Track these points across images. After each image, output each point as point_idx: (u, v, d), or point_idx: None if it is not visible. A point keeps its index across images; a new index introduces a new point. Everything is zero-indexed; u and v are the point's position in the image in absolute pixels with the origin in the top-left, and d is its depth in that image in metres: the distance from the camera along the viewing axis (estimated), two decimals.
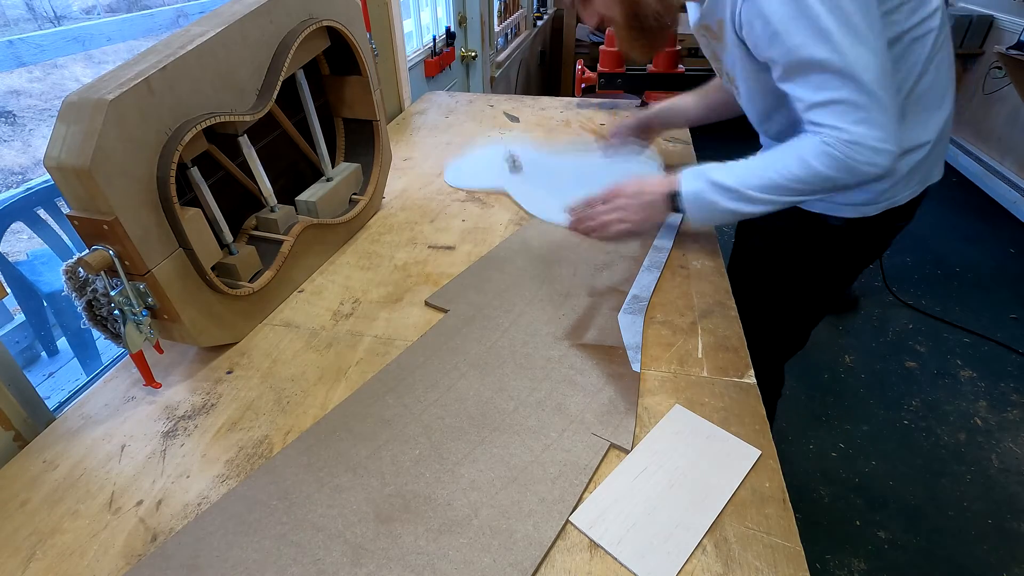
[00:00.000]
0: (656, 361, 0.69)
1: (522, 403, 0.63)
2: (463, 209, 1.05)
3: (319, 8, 0.79)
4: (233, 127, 0.70)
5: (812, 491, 1.51)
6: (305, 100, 0.86)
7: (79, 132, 0.53)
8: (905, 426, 1.70)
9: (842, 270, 0.98)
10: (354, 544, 0.49)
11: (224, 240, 0.74)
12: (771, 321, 1.04)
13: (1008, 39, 2.92)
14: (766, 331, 1.03)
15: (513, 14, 3.09)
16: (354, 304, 0.81)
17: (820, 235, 0.91)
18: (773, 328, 1.06)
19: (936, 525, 1.42)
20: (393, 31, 1.46)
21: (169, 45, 0.62)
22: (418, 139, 1.38)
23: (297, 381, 0.68)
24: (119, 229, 0.56)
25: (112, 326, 0.63)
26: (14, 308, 1.45)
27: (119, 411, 0.65)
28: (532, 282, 0.82)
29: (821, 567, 1.33)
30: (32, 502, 0.55)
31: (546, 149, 1.25)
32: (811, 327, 1.10)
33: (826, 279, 0.99)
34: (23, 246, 1.55)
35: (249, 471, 0.57)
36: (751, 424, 0.60)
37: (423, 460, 0.57)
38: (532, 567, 0.47)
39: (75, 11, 1.92)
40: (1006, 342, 2.00)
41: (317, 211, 0.88)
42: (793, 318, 1.07)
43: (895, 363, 1.93)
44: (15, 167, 1.98)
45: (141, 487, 0.56)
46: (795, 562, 0.47)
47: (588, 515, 0.51)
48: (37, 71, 2.01)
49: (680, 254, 0.89)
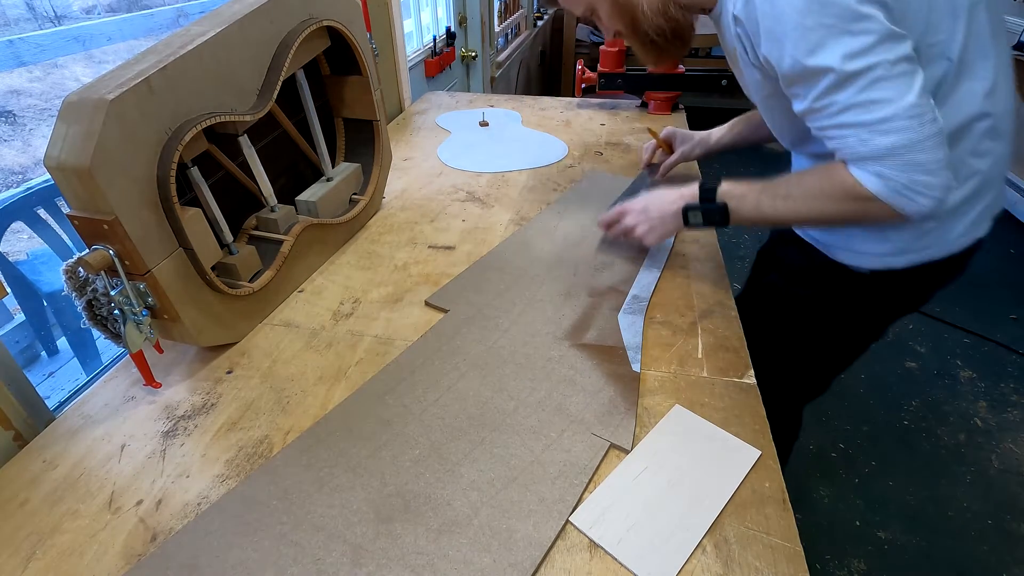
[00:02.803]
0: (656, 361, 0.69)
1: (522, 403, 0.63)
2: (463, 209, 1.05)
3: (319, 8, 0.79)
4: (233, 127, 0.70)
5: (812, 491, 1.51)
6: (305, 100, 0.86)
7: (79, 132, 0.53)
8: (905, 426, 1.70)
9: (867, 322, 0.88)
10: (354, 544, 0.49)
11: (224, 240, 0.73)
12: (786, 365, 0.94)
13: (1008, 39, 2.92)
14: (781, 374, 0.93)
15: (513, 14, 3.09)
16: (354, 304, 0.81)
17: (842, 282, 0.81)
18: (789, 372, 0.96)
19: (936, 525, 1.42)
20: (393, 31, 1.46)
21: (169, 45, 0.62)
22: (418, 139, 1.38)
23: (297, 381, 0.68)
24: (119, 229, 0.56)
25: (112, 326, 0.63)
26: (14, 308, 1.45)
27: (119, 411, 0.65)
28: (532, 282, 0.82)
29: (821, 567, 1.33)
30: (32, 502, 0.55)
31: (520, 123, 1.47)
32: (832, 376, 1.00)
33: (848, 329, 0.88)
34: (23, 246, 1.55)
35: (249, 471, 0.57)
36: (751, 424, 0.60)
37: (423, 460, 0.57)
38: (532, 567, 0.47)
39: (75, 11, 1.91)
40: (1006, 342, 2.00)
41: (317, 211, 0.88)
42: (810, 366, 0.96)
43: (895, 363, 1.93)
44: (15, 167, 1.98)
45: (141, 487, 0.56)
46: (795, 562, 0.47)
47: (588, 515, 0.51)
48: (37, 71, 2.01)
49: (680, 254, 0.89)
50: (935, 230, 0.71)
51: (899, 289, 0.80)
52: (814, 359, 0.95)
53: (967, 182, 0.68)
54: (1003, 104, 0.65)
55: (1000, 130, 0.66)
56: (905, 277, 0.76)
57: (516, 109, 1.55)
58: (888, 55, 0.55)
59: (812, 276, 0.85)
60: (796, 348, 0.93)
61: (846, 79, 0.56)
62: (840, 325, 0.88)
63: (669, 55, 0.77)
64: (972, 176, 0.68)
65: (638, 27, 0.73)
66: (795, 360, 0.95)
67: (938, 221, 0.70)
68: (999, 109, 0.65)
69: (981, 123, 0.64)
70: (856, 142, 0.60)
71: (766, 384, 0.67)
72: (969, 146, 0.66)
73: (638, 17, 0.72)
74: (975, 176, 0.68)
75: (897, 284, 0.78)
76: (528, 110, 1.54)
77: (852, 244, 0.77)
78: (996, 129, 0.65)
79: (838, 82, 0.57)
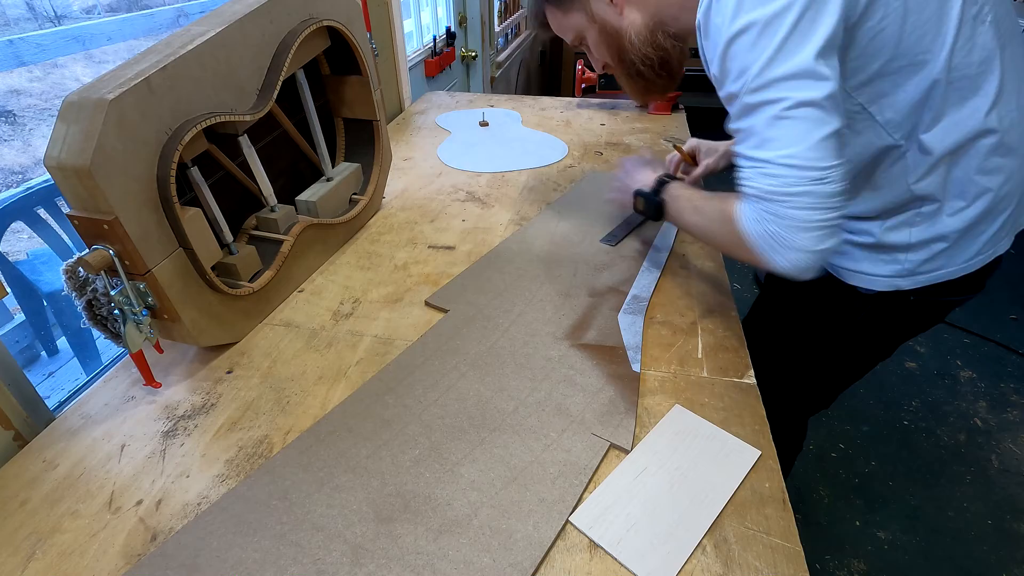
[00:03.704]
0: (656, 361, 0.69)
1: (522, 403, 0.63)
2: (463, 209, 1.05)
3: (319, 8, 0.79)
4: (233, 127, 0.70)
5: (812, 491, 1.51)
6: (305, 100, 0.86)
7: (79, 132, 0.53)
8: (905, 426, 1.70)
9: (877, 342, 0.85)
10: (354, 544, 0.49)
11: (224, 240, 0.73)
12: (793, 379, 0.94)
13: None
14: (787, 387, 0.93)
15: (513, 14, 3.09)
16: (354, 304, 0.81)
17: (852, 304, 0.79)
18: (795, 386, 0.95)
19: (936, 525, 1.42)
20: (393, 31, 1.46)
21: (169, 45, 0.62)
22: (418, 139, 1.38)
23: (297, 381, 0.68)
24: (119, 229, 0.56)
25: (112, 326, 0.63)
26: (14, 308, 1.45)
27: (119, 411, 0.65)
28: (532, 282, 0.82)
29: (821, 567, 1.33)
30: (32, 501, 0.55)
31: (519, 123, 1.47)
32: (839, 391, 0.98)
33: (857, 349, 0.86)
34: (23, 245, 1.54)
35: (249, 471, 0.57)
36: (751, 424, 0.60)
37: (423, 460, 0.57)
38: (532, 567, 0.47)
39: (75, 11, 1.91)
40: (1006, 342, 2.00)
41: (317, 211, 0.88)
42: (817, 381, 0.95)
43: (895, 363, 1.93)
44: (15, 166, 1.98)
45: (141, 487, 0.56)
46: (795, 562, 0.47)
47: (588, 515, 0.51)
48: (37, 71, 2.01)
49: (680, 254, 0.89)
50: (946, 251, 0.68)
51: (910, 310, 0.77)
52: (821, 375, 0.93)
53: (976, 201, 0.65)
54: (1011, 118, 0.62)
55: (1010, 146, 0.63)
56: (916, 298, 0.74)
57: (516, 109, 1.55)
58: (797, 94, 0.51)
59: (821, 297, 0.83)
60: (803, 364, 0.92)
61: (749, 109, 0.54)
62: (849, 344, 0.85)
63: (656, 89, 0.77)
64: (982, 195, 0.65)
65: (625, 56, 0.73)
66: (802, 375, 0.93)
67: (949, 242, 0.67)
68: (1006, 124, 0.61)
69: (985, 140, 0.62)
70: (744, 176, 0.58)
71: (772, 396, 0.66)
72: (974, 164, 0.63)
73: (625, 46, 0.72)
74: (986, 194, 0.65)
75: (908, 305, 0.75)
76: (528, 110, 1.55)
77: (859, 265, 0.75)
78: (1004, 145, 0.62)
79: (744, 109, 0.55)
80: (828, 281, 0.79)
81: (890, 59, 0.57)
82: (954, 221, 0.66)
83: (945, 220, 0.66)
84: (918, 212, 0.67)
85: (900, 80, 0.58)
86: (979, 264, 0.70)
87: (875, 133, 0.62)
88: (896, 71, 0.58)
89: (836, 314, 0.82)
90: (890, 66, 0.57)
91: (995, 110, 0.60)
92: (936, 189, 0.64)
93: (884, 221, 0.69)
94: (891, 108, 0.60)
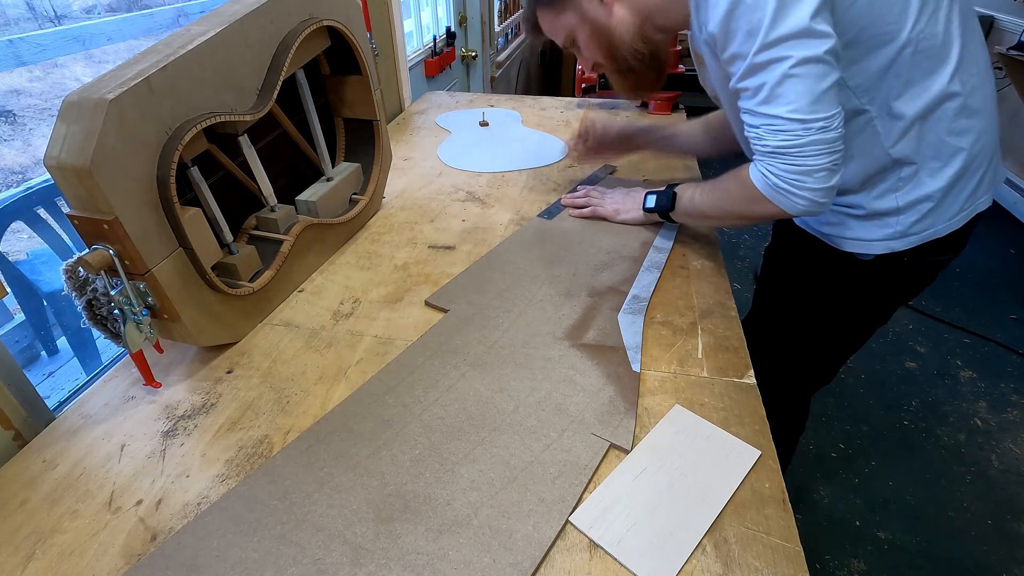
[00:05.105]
0: (656, 361, 0.69)
1: (522, 403, 0.63)
2: (463, 209, 1.05)
3: (319, 8, 0.79)
4: (233, 127, 0.70)
5: (812, 491, 1.51)
6: (305, 100, 0.86)
7: (79, 132, 0.53)
8: (905, 426, 1.70)
9: (875, 307, 0.90)
10: (354, 544, 0.49)
11: (224, 240, 0.73)
12: (795, 355, 0.99)
13: (1008, 39, 2.92)
14: (789, 365, 0.99)
15: (513, 14, 3.09)
16: (354, 304, 0.81)
17: (849, 270, 0.84)
18: (797, 362, 1.00)
19: (936, 525, 1.42)
20: (393, 31, 1.46)
21: (169, 45, 0.62)
22: (418, 139, 1.38)
23: (297, 381, 0.68)
24: (119, 229, 0.56)
25: (112, 326, 0.63)
26: (14, 307, 1.45)
27: (119, 411, 0.65)
28: (532, 282, 0.82)
29: (821, 567, 1.33)
30: (32, 501, 0.55)
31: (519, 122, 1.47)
32: (840, 363, 1.03)
33: (856, 316, 0.91)
34: (23, 245, 1.54)
35: (249, 471, 0.57)
36: (751, 424, 0.60)
37: (423, 460, 0.57)
38: (532, 567, 0.47)
39: (75, 10, 1.91)
40: (1006, 342, 2.00)
41: (317, 211, 0.88)
42: (818, 354, 1.00)
43: (895, 363, 1.93)
44: (15, 166, 1.98)
45: (141, 487, 0.56)
46: (795, 562, 0.47)
47: (588, 515, 0.51)
48: (37, 70, 2.00)
49: (680, 254, 0.89)
50: (934, 211, 0.74)
51: (904, 272, 0.83)
52: (823, 348, 0.98)
53: (952, 160, 0.71)
54: (972, 83, 0.68)
55: (973, 108, 0.69)
56: (909, 259, 0.79)
57: (516, 109, 1.55)
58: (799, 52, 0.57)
59: (820, 267, 0.88)
60: (805, 338, 0.97)
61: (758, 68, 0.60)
62: (848, 312, 0.91)
63: (647, 82, 0.81)
64: (956, 154, 0.71)
65: (616, 52, 0.76)
66: (804, 350, 0.99)
67: (934, 201, 0.73)
68: (968, 88, 0.67)
69: (950, 103, 0.68)
70: (754, 136, 0.66)
71: (774, 376, 0.69)
72: (944, 126, 0.69)
73: (615, 42, 0.76)
74: (959, 153, 0.71)
75: (902, 267, 0.81)
76: (528, 110, 1.54)
77: (855, 232, 0.80)
78: (968, 107, 0.68)
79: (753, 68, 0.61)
80: (826, 251, 0.85)
81: (862, 28, 0.63)
82: (935, 181, 0.72)
83: (926, 181, 0.72)
84: (899, 177, 0.73)
85: (870, 48, 0.64)
86: (963, 221, 0.76)
87: (844, 96, 0.67)
88: (866, 39, 0.64)
89: (835, 282, 0.88)
90: (861, 35, 0.63)
91: (957, 75, 0.66)
92: (911, 152, 0.71)
93: (870, 192, 0.75)
94: (861, 74, 0.66)
